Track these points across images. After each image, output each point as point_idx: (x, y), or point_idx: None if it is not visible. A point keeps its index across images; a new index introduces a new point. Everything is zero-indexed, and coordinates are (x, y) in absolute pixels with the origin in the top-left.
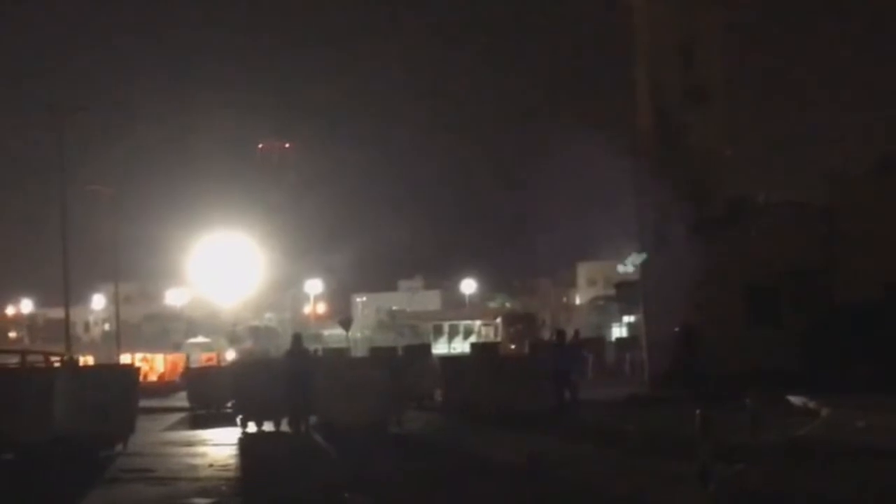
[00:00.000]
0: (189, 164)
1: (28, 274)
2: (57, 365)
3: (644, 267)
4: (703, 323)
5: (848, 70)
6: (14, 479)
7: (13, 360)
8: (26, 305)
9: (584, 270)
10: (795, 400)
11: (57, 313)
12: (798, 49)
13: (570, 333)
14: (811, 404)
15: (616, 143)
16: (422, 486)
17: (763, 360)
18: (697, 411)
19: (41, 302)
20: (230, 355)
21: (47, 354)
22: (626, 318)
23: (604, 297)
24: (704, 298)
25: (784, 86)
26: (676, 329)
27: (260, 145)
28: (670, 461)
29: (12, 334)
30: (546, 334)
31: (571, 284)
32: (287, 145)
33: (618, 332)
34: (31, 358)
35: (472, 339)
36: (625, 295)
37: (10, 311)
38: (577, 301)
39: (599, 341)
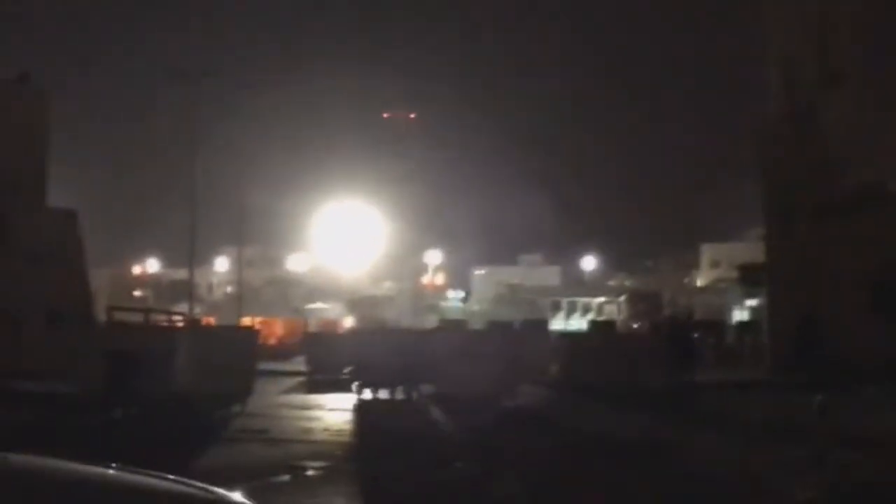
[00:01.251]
0: (314, 131)
1: (155, 234)
2: (180, 325)
3: (770, 250)
4: (826, 309)
5: None
6: (135, 435)
7: (138, 319)
8: (152, 265)
9: (707, 252)
10: None
11: (182, 274)
12: None
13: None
14: None
15: (746, 125)
16: (533, 459)
17: (887, 350)
18: (817, 398)
19: (167, 262)
20: (348, 323)
21: (171, 314)
22: (749, 302)
23: (726, 280)
24: (829, 284)
25: None
26: (799, 315)
27: (385, 114)
28: (788, 446)
29: (138, 293)
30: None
31: (694, 265)
32: (412, 115)
33: (739, 315)
34: (155, 317)
35: (590, 316)
36: (748, 278)
37: (136, 270)
38: (699, 283)
39: (720, 324)
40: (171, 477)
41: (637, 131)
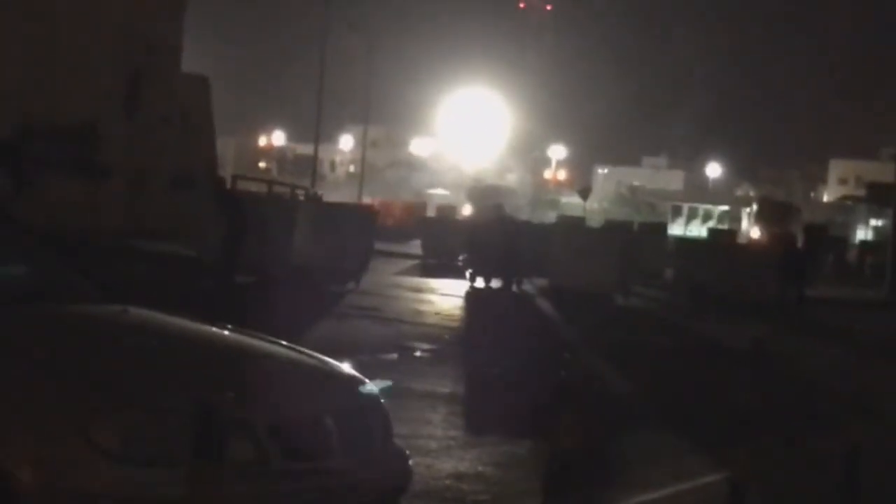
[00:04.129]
0: (448, 15)
1: (283, 107)
2: (302, 199)
3: None
4: None
5: None
6: (253, 302)
7: (262, 190)
8: (278, 138)
9: (836, 167)
10: None
11: (306, 149)
12: None
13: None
14: None
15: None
16: (639, 360)
17: None
18: None
19: (293, 137)
20: (467, 211)
21: (294, 187)
22: (874, 222)
23: (853, 197)
24: None
25: None
26: None
27: (521, 4)
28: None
29: (262, 164)
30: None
31: (822, 180)
32: (549, 6)
33: (863, 234)
34: (277, 189)
35: (711, 223)
36: (876, 197)
37: (262, 141)
38: (825, 198)
39: (842, 241)
40: (284, 343)
41: (779, 34)
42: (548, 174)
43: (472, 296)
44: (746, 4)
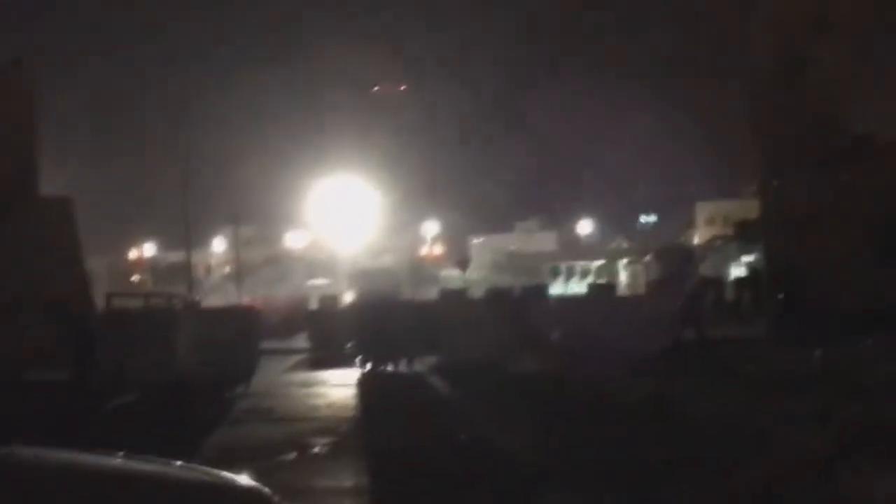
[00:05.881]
0: (305, 107)
1: (150, 219)
2: (179, 307)
3: (764, 206)
4: (822, 263)
5: None
6: (138, 420)
7: (137, 304)
8: (149, 249)
9: (702, 209)
10: None
11: (179, 257)
12: None
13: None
14: None
15: (734, 78)
16: (539, 425)
17: (887, 299)
18: (818, 351)
19: (164, 246)
20: (349, 297)
21: (171, 297)
22: (745, 258)
23: (722, 237)
24: (824, 238)
25: None
26: (795, 270)
27: (376, 87)
28: (792, 400)
29: (135, 277)
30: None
31: (690, 224)
32: (403, 87)
33: (736, 271)
34: (153, 300)
35: (590, 279)
36: (744, 234)
37: (133, 254)
38: (696, 240)
39: (719, 281)
40: (177, 463)
41: (627, 91)
42: (424, 250)
43: (365, 382)
44: (598, 64)
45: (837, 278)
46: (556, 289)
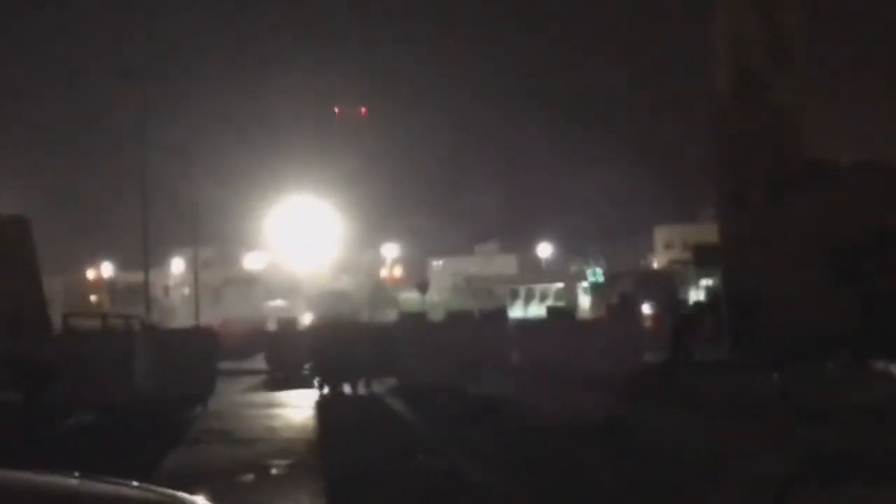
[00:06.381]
0: (266, 129)
1: (109, 238)
2: (137, 328)
3: (722, 230)
4: (780, 286)
5: None
6: (96, 441)
7: (94, 324)
8: (107, 269)
9: (661, 234)
10: (877, 364)
11: (137, 277)
12: (886, 4)
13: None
14: (893, 368)
15: (693, 105)
16: (497, 448)
17: (844, 324)
18: (775, 374)
19: (122, 266)
20: (307, 319)
21: (128, 318)
22: (704, 282)
23: (680, 261)
24: (782, 261)
25: (868, 43)
26: (753, 293)
27: (336, 109)
28: (749, 423)
29: (93, 298)
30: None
31: (648, 248)
32: (363, 109)
33: (695, 295)
34: (111, 321)
35: (549, 302)
36: (702, 258)
37: (91, 275)
38: (655, 265)
39: (680, 303)
40: (134, 483)
41: (588, 114)
42: (384, 273)
43: (323, 404)
44: (561, 85)
45: (795, 302)
46: (516, 312)
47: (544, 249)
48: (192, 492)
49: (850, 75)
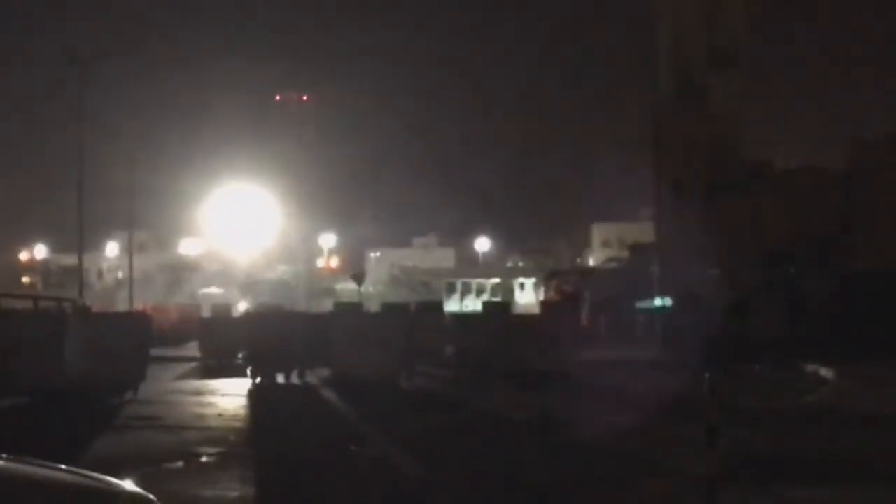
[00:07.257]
0: (206, 114)
1: (43, 219)
2: (70, 311)
3: (660, 229)
4: (715, 287)
5: (871, 33)
6: (25, 423)
7: (26, 305)
8: (40, 251)
9: (599, 231)
10: (808, 366)
11: (71, 260)
12: (821, 12)
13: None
14: (822, 371)
15: (635, 106)
16: (430, 440)
17: (777, 327)
18: (706, 375)
19: (55, 248)
20: (242, 307)
21: (60, 300)
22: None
23: (617, 259)
24: (718, 263)
25: (806, 50)
26: (688, 294)
27: (277, 97)
28: (679, 423)
29: (26, 279)
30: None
31: (586, 245)
32: (305, 98)
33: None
34: (43, 304)
35: (485, 296)
36: (638, 257)
37: (24, 256)
38: (591, 262)
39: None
40: (62, 467)
41: (530, 111)
42: (321, 263)
43: (255, 393)
44: (508, 88)
45: (730, 304)
46: (452, 305)
47: (482, 244)
48: (120, 477)
49: (788, 81)
